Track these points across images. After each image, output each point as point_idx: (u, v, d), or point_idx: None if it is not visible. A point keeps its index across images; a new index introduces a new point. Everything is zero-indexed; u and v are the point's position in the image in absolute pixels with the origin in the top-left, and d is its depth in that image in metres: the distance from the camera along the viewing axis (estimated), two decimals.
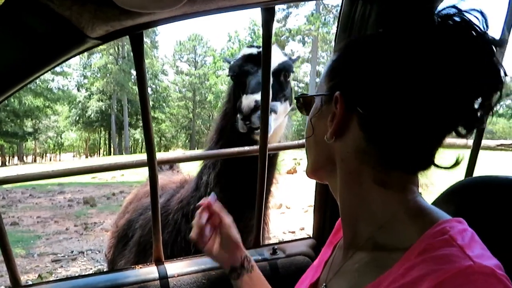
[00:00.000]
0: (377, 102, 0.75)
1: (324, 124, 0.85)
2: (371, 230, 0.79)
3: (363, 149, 0.78)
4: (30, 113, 36.92)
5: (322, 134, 0.86)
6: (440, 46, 0.70)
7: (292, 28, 34.05)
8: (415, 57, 0.71)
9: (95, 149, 56.44)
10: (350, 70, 0.81)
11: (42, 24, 1.09)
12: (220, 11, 1.23)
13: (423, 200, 0.79)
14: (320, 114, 0.88)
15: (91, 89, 42.02)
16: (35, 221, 9.03)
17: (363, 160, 0.79)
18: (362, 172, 0.80)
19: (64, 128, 47.86)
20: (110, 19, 1.13)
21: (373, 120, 0.76)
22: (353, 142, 0.80)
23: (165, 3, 1.06)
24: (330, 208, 1.76)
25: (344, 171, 0.84)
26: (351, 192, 0.83)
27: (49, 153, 56.02)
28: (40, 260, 6.36)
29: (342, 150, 0.83)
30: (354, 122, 0.79)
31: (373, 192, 0.79)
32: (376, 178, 0.78)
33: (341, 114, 0.80)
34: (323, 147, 0.87)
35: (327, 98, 0.86)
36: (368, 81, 0.76)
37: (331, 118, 0.82)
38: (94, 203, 10.73)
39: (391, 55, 0.73)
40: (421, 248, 0.67)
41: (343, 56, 0.85)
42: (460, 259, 0.62)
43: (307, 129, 0.93)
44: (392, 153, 0.76)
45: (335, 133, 0.82)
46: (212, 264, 1.61)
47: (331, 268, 0.93)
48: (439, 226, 0.70)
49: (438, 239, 0.67)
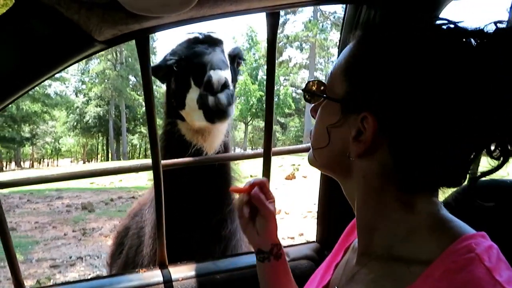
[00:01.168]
0: (413, 128, 0.70)
1: (344, 136, 0.80)
2: (389, 241, 0.77)
3: (389, 172, 0.75)
4: (28, 119, 36.80)
5: (340, 146, 0.81)
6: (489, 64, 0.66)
7: (289, 35, 34.23)
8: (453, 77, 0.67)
9: (92, 155, 56.23)
10: (383, 89, 0.73)
11: (50, 28, 1.10)
12: (226, 15, 1.25)
13: (445, 212, 0.76)
14: (339, 125, 0.80)
15: (89, 94, 41.90)
16: (33, 226, 8.97)
17: (388, 181, 0.76)
18: (384, 191, 0.77)
19: (61, 133, 47.65)
20: (118, 22, 1.14)
21: (406, 145, 0.72)
22: (379, 164, 0.76)
23: (172, 7, 1.06)
24: (334, 212, 1.76)
25: (364, 187, 0.80)
26: (370, 206, 0.80)
27: (46, 158, 55.75)
28: (39, 266, 6.32)
29: (365, 169, 0.78)
30: (384, 146, 0.74)
31: (395, 209, 0.76)
32: (400, 197, 0.76)
33: (371, 138, 0.74)
34: (339, 159, 0.82)
35: (348, 107, 0.79)
36: (405, 107, 0.70)
37: (355, 136, 0.76)
38: (93, 208, 10.68)
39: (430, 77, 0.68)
40: (445, 265, 0.65)
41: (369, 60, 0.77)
42: (489, 285, 0.60)
43: (320, 137, 0.86)
44: (420, 178, 0.73)
45: (360, 155, 0.77)
46: (216, 268, 1.61)
47: (343, 272, 0.91)
48: (464, 242, 0.67)
49: (464, 257, 0.64)
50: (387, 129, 0.72)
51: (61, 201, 12.14)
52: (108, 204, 11.50)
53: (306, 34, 33.63)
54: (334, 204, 1.76)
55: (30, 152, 50.79)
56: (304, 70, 39.21)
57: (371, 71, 0.75)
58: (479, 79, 0.66)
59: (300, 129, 41.74)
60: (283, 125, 41.59)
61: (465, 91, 0.66)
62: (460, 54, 0.68)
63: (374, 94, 0.73)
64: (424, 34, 0.73)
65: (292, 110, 37.04)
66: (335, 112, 0.81)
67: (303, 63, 38.96)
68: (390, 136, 0.73)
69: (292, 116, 41.68)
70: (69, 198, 12.59)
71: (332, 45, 35.79)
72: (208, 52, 1.69)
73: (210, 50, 1.71)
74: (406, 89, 0.70)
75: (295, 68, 39.32)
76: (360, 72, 0.77)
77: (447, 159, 0.71)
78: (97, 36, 1.16)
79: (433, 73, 0.68)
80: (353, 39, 0.83)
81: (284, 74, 37.74)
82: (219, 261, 1.68)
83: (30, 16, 1.05)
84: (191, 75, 1.70)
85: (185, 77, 1.73)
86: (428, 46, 0.70)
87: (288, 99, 33.03)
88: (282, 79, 38.09)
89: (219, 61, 1.63)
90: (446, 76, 0.67)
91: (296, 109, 36.59)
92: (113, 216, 9.72)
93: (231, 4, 1.16)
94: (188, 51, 1.74)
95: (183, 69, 1.74)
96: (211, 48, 1.72)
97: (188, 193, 1.76)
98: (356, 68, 0.79)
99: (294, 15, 35.08)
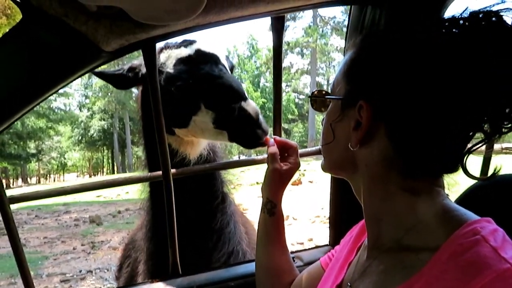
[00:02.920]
0: (406, 112, 0.74)
1: (345, 130, 0.86)
2: (397, 232, 0.79)
3: (390, 157, 0.78)
4: (33, 135, 37.08)
5: (343, 140, 0.86)
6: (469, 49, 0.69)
7: (290, 41, 34.38)
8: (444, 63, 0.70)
9: (98, 168, 56.53)
10: (375, 78, 0.79)
11: (58, 40, 1.11)
12: (232, 21, 1.25)
13: (450, 202, 0.78)
14: (340, 120, 0.87)
15: (93, 108, 42.21)
16: (42, 241, 8.99)
17: (390, 167, 0.79)
18: (388, 178, 0.80)
19: (67, 148, 48.01)
20: (125, 32, 1.15)
21: (401, 129, 0.76)
22: (379, 150, 0.80)
23: (179, 15, 1.07)
24: (346, 214, 1.75)
25: (369, 176, 0.83)
26: (376, 196, 0.83)
27: (52, 173, 56.09)
28: (49, 281, 6.31)
29: (366, 157, 0.82)
30: (381, 131, 0.79)
31: (400, 197, 0.79)
32: (403, 184, 0.78)
33: (368, 124, 0.79)
34: (344, 153, 0.87)
35: (347, 103, 0.85)
36: (397, 92, 0.75)
37: (355, 126, 0.82)
38: (100, 221, 10.70)
39: (419, 62, 0.73)
40: (451, 249, 0.67)
41: (363, 58, 0.84)
42: (495, 261, 0.61)
43: (326, 134, 0.93)
44: (420, 160, 0.76)
45: (360, 142, 0.81)
46: (230, 275, 1.60)
47: (356, 269, 0.92)
48: (469, 226, 0.69)
49: (470, 240, 0.66)
50: (381, 113, 0.78)
51: (69, 215, 12.17)
52: (116, 217, 11.51)
53: (307, 39, 33.80)
54: (345, 207, 1.75)
55: (36, 168, 51.19)
56: (306, 75, 39.35)
57: (364, 65, 0.82)
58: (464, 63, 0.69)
59: (304, 134, 41.80)
60: (286, 131, 41.59)
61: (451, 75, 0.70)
62: (443, 40, 0.72)
63: (368, 84, 0.80)
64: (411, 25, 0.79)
65: (295, 116, 37.15)
66: (337, 110, 0.89)
67: (304, 68, 39.11)
68: (385, 120, 0.78)
69: (296, 121, 41.79)
70: (77, 212, 12.63)
71: (332, 49, 35.93)
72: (219, 75, 1.61)
73: (218, 71, 1.64)
74: (396, 75, 0.75)
75: (297, 74, 39.48)
76: (357, 70, 0.84)
77: (441, 139, 0.73)
78: (105, 46, 1.17)
79: (419, 58, 0.73)
80: (350, 49, 0.90)
81: (286, 81, 37.89)
82: (232, 268, 1.67)
83: (39, 28, 1.06)
84: (202, 99, 1.61)
85: (192, 100, 1.64)
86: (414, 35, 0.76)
87: (291, 105, 33.18)
88: (284, 85, 38.23)
89: (242, 89, 1.59)
90: (431, 60, 0.72)
91: (299, 114, 36.67)
92: (121, 229, 9.72)
93: (237, 10, 1.17)
94: (193, 75, 1.64)
95: (189, 92, 1.64)
96: (216, 68, 1.65)
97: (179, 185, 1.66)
98: (352, 68, 0.86)
99: (294, 21, 35.29)
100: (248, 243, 2.01)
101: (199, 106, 1.62)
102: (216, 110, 1.60)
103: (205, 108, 1.61)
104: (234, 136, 1.60)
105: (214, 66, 1.66)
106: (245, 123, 1.54)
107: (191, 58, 1.68)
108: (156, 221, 1.82)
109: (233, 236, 1.90)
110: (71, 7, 0.98)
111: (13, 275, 6.54)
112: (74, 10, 0.99)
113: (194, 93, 1.63)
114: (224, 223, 1.86)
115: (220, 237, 1.84)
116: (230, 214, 1.91)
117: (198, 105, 1.62)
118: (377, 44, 0.82)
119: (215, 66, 1.66)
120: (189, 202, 1.79)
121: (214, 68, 1.65)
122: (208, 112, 1.61)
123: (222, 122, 1.60)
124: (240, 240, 1.93)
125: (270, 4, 1.19)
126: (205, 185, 1.84)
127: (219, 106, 1.58)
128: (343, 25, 33.02)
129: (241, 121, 1.55)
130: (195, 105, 1.63)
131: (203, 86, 1.62)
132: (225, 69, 1.69)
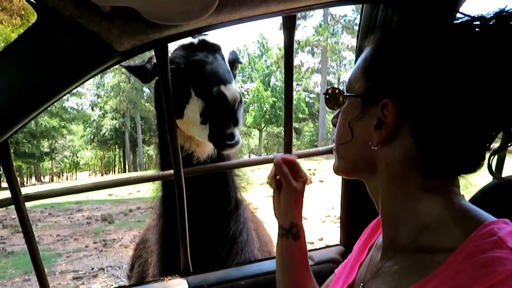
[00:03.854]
0: (432, 110, 0.73)
1: (365, 128, 0.83)
2: (413, 232, 0.78)
3: (412, 156, 0.77)
4: (47, 134, 37.56)
5: (363, 139, 0.84)
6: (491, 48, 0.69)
7: (301, 40, 34.26)
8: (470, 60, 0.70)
9: (110, 167, 57.07)
10: (401, 75, 0.77)
11: (72, 41, 1.13)
12: (244, 20, 1.25)
13: (467, 203, 0.77)
14: (360, 118, 0.84)
15: (105, 107, 42.65)
16: (55, 239, 9.11)
17: (411, 166, 0.78)
18: (408, 177, 0.78)
19: (79, 147, 48.60)
20: (138, 33, 1.16)
21: (427, 127, 0.74)
22: (401, 149, 0.78)
23: (191, 14, 1.08)
24: (357, 214, 1.74)
25: (388, 175, 0.82)
26: (395, 196, 0.82)
27: (65, 172, 56.83)
28: (62, 278, 6.40)
29: (388, 156, 0.81)
30: (405, 130, 0.77)
31: (419, 197, 0.78)
32: (423, 184, 0.77)
33: (393, 123, 0.77)
34: (364, 152, 0.85)
35: (369, 100, 0.82)
36: (423, 90, 0.74)
37: (377, 125, 0.80)
38: (112, 220, 10.79)
39: (447, 60, 0.72)
40: (468, 250, 0.66)
41: (387, 55, 0.81)
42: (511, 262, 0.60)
43: (344, 133, 0.89)
44: (442, 159, 0.75)
45: (383, 141, 0.80)
46: (241, 274, 1.61)
47: (368, 269, 0.91)
48: (487, 227, 0.68)
49: (487, 241, 0.65)
50: (407, 111, 0.76)
51: (81, 214, 12.31)
52: (127, 215, 11.61)
53: (317, 38, 33.64)
54: (356, 206, 1.75)
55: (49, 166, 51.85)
56: (317, 74, 39.24)
57: (388, 61, 0.80)
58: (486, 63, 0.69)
59: (314, 133, 41.66)
60: (297, 130, 41.50)
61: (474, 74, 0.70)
62: (465, 40, 0.72)
63: (392, 82, 0.78)
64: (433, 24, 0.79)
65: (306, 115, 37.04)
66: (355, 108, 0.85)
67: (315, 67, 38.98)
68: (410, 119, 0.76)
69: (306, 120, 41.66)
70: (89, 210, 12.76)
71: (343, 48, 35.74)
72: (210, 61, 1.61)
73: (211, 58, 1.63)
74: (423, 72, 0.74)
75: (307, 72, 39.37)
76: (378, 66, 0.82)
77: (465, 138, 0.73)
78: (118, 47, 1.18)
79: (446, 56, 0.72)
80: (368, 45, 0.88)
81: (296, 80, 37.80)
82: (243, 267, 1.67)
83: (53, 30, 1.08)
84: (192, 86, 1.62)
85: (184, 86, 1.63)
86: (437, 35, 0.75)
87: (301, 104, 33.06)
88: (295, 84, 38.02)
89: (226, 74, 1.55)
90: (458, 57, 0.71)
91: (309, 113, 36.57)
92: (132, 227, 9.81)
93: (249, 9, 1.17)
94: (186, 60, 1.65)
95: (182, 78, 1.63)
96: (211, 56, 1.64)
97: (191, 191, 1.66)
98: (373, 64, 0.83)
99: (304, 20, 35.18)
100: (259, 247, 1.99)
101: (189, 92, 1.62)
102: (203, 97, 1.57)
103: (195, 96, 1.60)
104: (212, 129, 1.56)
105: (210, 54, 1.65)
106: (219, 106, 1.49)
107: (192, 46, 1.68)
108: (168, 218, 1.82)
109: (246, 245, 1.86)
110: (85, 8, 0.99)
111: (27, 272, 6.64)
112: (88, 11, 1.00)
113: (186, 79, 1.63)
114: (238, 232, 1.83)
115: (233, 247, 1.81)
116: (243, 222, 1.87)
117: (189, 92, 1.62)
118: (402, 41, 0.80)
119: (211, 54, 1.64)
120: (202, 210, 1.76)
121: (209, 56, 1.63)
122: (198, 101, 1.59)
123: (208, 114, 1.56)
124: (253, 248, 1.91)
125: (281, 3, 1.18)
126: (218, 191, 1.81)
127: (205, 91, 1.55)
128: (354, 23, 32.79)
129: (215, 104, 1.50)
130: (187, 92, 1.63)
131: (193, 71, 1.61)
132: (220, 58, 1.66)
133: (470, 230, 0.69)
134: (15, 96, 1.15)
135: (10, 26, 14.57)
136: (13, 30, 15.04)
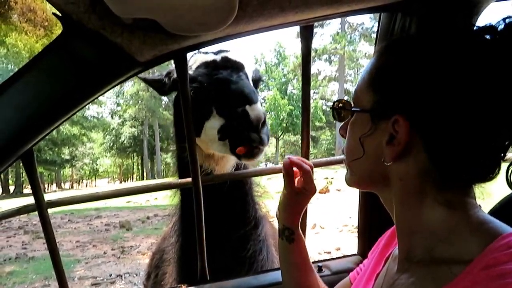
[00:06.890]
0: (446, 125, 0.72)
1: (377, 144, 0.82)
2: (429, 244, 0.77)
3: (426, 170, 0.76)
4: (68, 141, 38.42)
5: (375, 155, 0.82)
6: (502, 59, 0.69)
7: (318, 48, 34.24)
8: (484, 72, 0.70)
9: (128, 174, 57.81)
10: (411, 90, 0.75)
11: (95, 52, 1.16)
12: (262, 30, 1.27)
13: (484, 214, 0.76)
14: (371, 133, 0.83)
15: (124, 116, 43.38)
16: (74, 245, 9.26)
17: (425, 180, 0.77)
18: (423, 191, 0.78)
19: (99, 154, 49.48)
20: (158, 44, 1.19)
21: (440, 142, 0.73)
22: (415, 164, 0.77)
23: (210, 25, 1.10)
24: (375, 223, 1.72)
25: (403, 190, 0.81)
26: (410, 209, 0.81)
27: (85, 179, 57.82)
28: (81, 284, 6.49)
29: (401, 171, 0.80)
30: (418, 144, 0.76)
31: (434, 210, 0.77)
32: (438, 196, 0.76)
33: (405, 140, 0.76)
34: (376, 167, 0.84)
35: (379, 115, 0.81)
36: (436, 105, 0.73)
37: (389, 140, 0.78)
38: (130, 226, 10.91)
39: (459, 73, 0.71)
40: (485, 262, 0.65)
41: (395, 66, 0.80)
42: None
43: (354, 148, 0.87)
44: (458, 172, 0.74)
45: (396, 157, 0.78)
46: (258, 283, 1.60)
47: (384, 281, 0.91)
48: (505, 239, 0.67)
49: (504, 253, 0.64)
50: (419, 127, 0.75)
51: (100, 220, 12.49)
52: (145, 222, 11.72)
53: (334, 46, 33.60)
54: (374, 216, 1.73)
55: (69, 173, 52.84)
56: (334, 82, 39.05)
57: (398, 76, 0.78)
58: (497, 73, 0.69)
59: (331, 142, 41.37)
60: (314, 139, 41.27)
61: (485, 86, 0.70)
62: (474, 51, 0.72)
63: (403, 98, 0.76)
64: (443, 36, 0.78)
65: (323, 123, 36.82)
66: (365, 123, 0.83)
67: (332, 75, 38.84)
68: (423, 134, 0.75)
69: (323, 129, 41.42)
70: (108, 217, 12.94)
71: (361, 56, 35.52)
72: (235, 81, 1.59)
73: (236, 77, 1.61)
74: (432, 88, 0.73)
75: (325, 81, 39.22)
76: (387, 80, 0.80)
77: (480, 148, 0.72)
78: (139, 57, 1.21)
79: (455, 71, 0.71)
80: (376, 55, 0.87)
81: (313, 88, 37.64)
82: (260, 276, 1.67)
83: (78, 41, 1.12)
84: (214, 104, 1.60)
85: (206, 104, 1.62)
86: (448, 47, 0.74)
87: (318, 112, 32.88)
88: (312, 93, 37.81)
89: (251, 93, 1.53)
90: (467, 72, 0.71)
91: (327, 122, 36.34)
92: (149, 234, 9.90)
93: (266, 19, 1.18)
94: (209, 78, 1.63)
95: (204, 95, 1.62)
96: (235, 74, 1.62)
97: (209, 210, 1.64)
98: (381, 77, 0.81)
99: (321, 28, 35.14)
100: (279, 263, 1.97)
101: (211, 110, 1.61)
102: (225, 115, 1.56)
103: (217, 114, 1.59)
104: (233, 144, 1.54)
105: (234, 72, 1.64)
106: (243, 125, 1.49)
107: (215, 63, 1.67)
108: (186, 226, 1.83)
109: (266, 263, 1.85)
110: (108, 20, 1.03)
111: (47, 278, 6.76)
112: (111, 23, 1.04)
113: (208, 97, 1.62)
114: (257, 251, 1.81)
115: (253, 265, 1.79)
116: (263, 240, 1.85)
117: (210, 110, 1.61)
118: (411, 52, 0.79)
119: (235, 73, 1.64)
120: (220, 230, 1.75)
121: (233, 74, 1.63)
122: (219, 119, 1.59)
123: (226, 131, 1.56)
124: (273, 265, 1.89)
125: (299, 13, 1.19)
126: (236, 211, 1.79)
127: (227, 110, 1.55)
128: (372, 31, 32.63)
129: (239, 123, 1.50)
130: (208, 110, 1.62)
131: (216, 90, 1.60)
132: (244, 76, 1.65)
133: (487, 242, 0.68)
134: (41, 105, 1.18)
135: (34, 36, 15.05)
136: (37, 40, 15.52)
